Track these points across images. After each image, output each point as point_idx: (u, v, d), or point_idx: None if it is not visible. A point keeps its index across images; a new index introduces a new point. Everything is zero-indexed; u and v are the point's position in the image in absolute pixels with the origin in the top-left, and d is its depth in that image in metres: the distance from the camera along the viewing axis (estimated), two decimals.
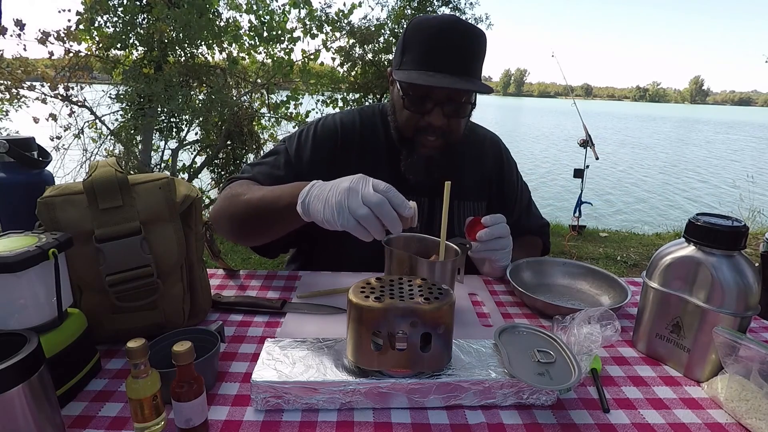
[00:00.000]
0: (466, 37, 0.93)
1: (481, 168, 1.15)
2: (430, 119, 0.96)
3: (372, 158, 1.07)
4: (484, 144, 1.18)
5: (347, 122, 1.10)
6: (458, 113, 0.97)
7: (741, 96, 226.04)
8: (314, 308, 0.86)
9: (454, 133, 1.00)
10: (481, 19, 7.71)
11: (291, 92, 4.91)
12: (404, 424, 0.57)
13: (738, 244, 0.65)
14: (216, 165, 4.95)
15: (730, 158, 14.12)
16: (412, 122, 0.98)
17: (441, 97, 0.94)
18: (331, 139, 1.07)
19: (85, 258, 0.66)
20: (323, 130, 1.09)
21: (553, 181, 8.89)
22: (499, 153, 1.20)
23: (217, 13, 4.54)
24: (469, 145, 1.14)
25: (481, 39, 0.96)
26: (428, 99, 0.95)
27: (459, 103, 0.96)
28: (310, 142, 1.07)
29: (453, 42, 0.92)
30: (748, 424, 0.58)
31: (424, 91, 0.95)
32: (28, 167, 0.85)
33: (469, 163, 1.13)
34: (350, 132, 1.08)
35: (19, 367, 0.45)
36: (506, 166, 1.20)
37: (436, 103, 0.95)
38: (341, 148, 1.07)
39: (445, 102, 0.95)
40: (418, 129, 0.98)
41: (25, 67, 4.03)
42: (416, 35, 0.95)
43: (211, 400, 0.60)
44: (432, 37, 0.92)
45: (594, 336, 0.66)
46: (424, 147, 0.99)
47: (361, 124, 1.10)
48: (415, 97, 0.96)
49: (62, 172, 4.21)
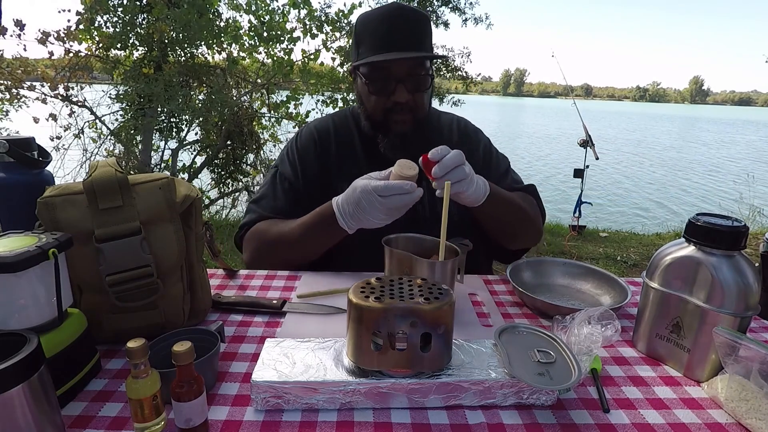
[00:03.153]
0: (410, 17, 1.02)
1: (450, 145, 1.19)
2: (395, 98, 1.03)
3: (349, 155, 1.15)
4: (451, 125, 1.25)
5: (321, 128, 1.19)
6: (419, 86, 1.04)
7: (741, 96, 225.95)
8: (314, 308, 0.86)
9: (420, 108, 1.07)
10: (481, 19, 7.71)
11: (291, 92, 4.91)
12: (404, 424, 0.57)
13: (738, 244, 0.65)
14: (216, 165, 4.95)
15: (731, 158, 14.12)
16: (380, 105, 1.05)
17: (401, 74, 1.01)
18: (311, 148, 1.16)
19: (85, 258, 0.66)
20: (303, 142, 1.18)
21: (550, 180, 8.90)
22: (465, 128, 1.26)
23: (217, 13, 4.54)
24: (438, 127, 1.22)
25: (425, 19, 1.05)
26: (390, 79, 1.02)
27: (418, 77, 1.03)
28: (296, 157, 1.16)
29: (398, 23, 1.01)
30: (748, 424, 0.58)
31: (384, 73, 1.02)
32: (28, 167, 0.85)
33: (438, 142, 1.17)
34: (325, 136, 1.17)
35: (19, 367, 0.45)
36: (473, 137, 1.25)
37: (397, 81, 1.02)
38: (321, 152, 1.16)
39: (405, 79, 1.02)
40: (386, 111, 1.05)
41: (25, 67, 4.03)
42: (365, 27, 1.04)
43: (211, 400, 0.60)
44: (379, 24, 1.02)
45: (594, 336, 0.66)
46: (396, 124, 1.06)
47: (335, 126, 1.19)
48: (378, 80, 1.03)
49: (62, 172, 4.22)
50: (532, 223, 1.14)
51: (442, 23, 7.39)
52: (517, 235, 1.14)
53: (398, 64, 1.00)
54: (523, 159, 11.87)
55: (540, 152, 13.45)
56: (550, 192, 7.75)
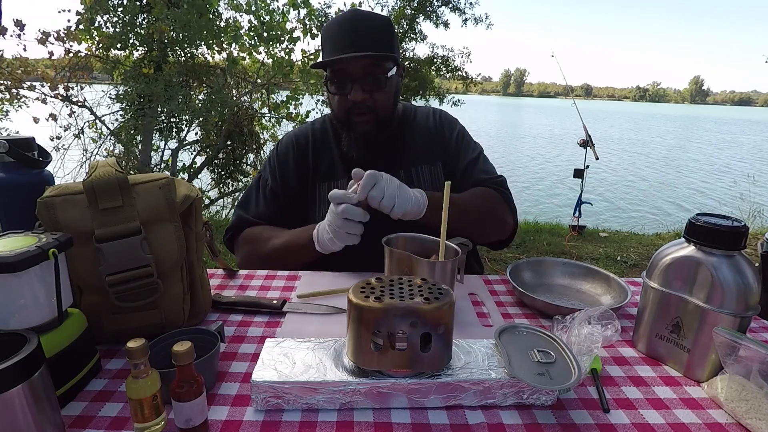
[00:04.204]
0: (363, 21, 1.06)
1: (428, 135, 1.24)
2: (351, 96, 1.05)
3: (326, 156, 1.20)
4: (428, 116, 1.27)
5: (300, 134, 1.24)
6: (377, 86, 1.06)
7: (741, 96, 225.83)
8: (314, 308, 0.86)
9: (381, 108, 1.09)
10: (481, 19, 7.70)
11: (291, 92, 4.91)
12: (404, 424, 0.57)
13: (738, 244, 0.65)
14: (216, 165, 4.95)
15: (731, 157, 14.12)
16: (341, 105, 1.08)
17: (357, 74, 1.04)
18: (288, 154, 1.21)
19: (85, 258, 0.66)
20: (282, 148, 1.23)
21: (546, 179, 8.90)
22: (440, 117, 1.28)
23: (217, 13, 4.54)
24: (416, 120, 1.25)
25: (381, 20, 1.09)
26: (346, 79, 1.05)
27: (375, 77, 1.05)
28: (276, 163, 1.22)
29: (353, 25, 1.05)
30: (748, 424, 0.58)
31: (341, 74, 1.05)
32: (28, 167, 0.85)
33: (417, 133, 1.23)
34: (303, 141, 1.22)
35: (19, 367, 0.45)
36: (447, 125, 1.26)
37: (353, 81, 1.04)
38: (299, 156, 1.21)
39: (361, 78, 1.04)
40: (347, 110, 1.08)
41: (25, 67, 4.03)
42: (325, 33, 1.09)
43: (211, 400, 0.60)
44: (336, 28, 1.06)
45: (594, 336, 0.66)
46: (358, 124, 1.09)
47: (313, 131, 1.24)
48: (336, 80, 1.06)
49: (62, 172, 4.21)
50: (492, 219, 1.12)
51: (442, 23, 7.38)
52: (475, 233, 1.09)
53: (354, 64, 1.03)
54: (524, 159, 11.86)
55: (544, 153, 13.44)
56: (550, 192, 7.74)
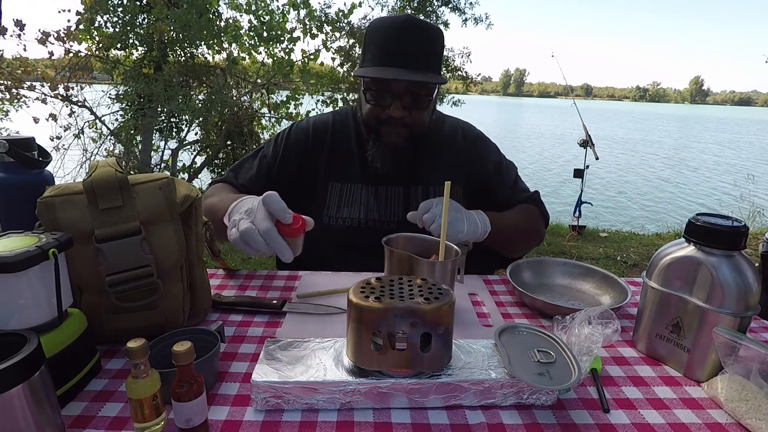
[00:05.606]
0: (418, 33, 0.99)
1: (455, 154, 1.19)
2: (390, 112, 1.02)
3: (343, 154, 1.15)
4: (456, 132, 1.22)
5: (319, 124, 1.18)
6: (418, 105, 1.03)
7: (741, 96, 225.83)
8: (314, 308, 0.86)
9: (418, 125, 1.06)
10: (481, 19, 7.72)
11: (291, 92, 4.91)
12: (404, 424, 0.57)
13: (738, 244, 0.65)
14: (216, 165, 4.95)
15: (731, 157, 14.11)
16: (375, 114, 1.05)
17: (400, 91, 1.00)
18: (302, 141, 1.16)
19: (85, 258, 0.66)
20: (296, 132, 1.18)
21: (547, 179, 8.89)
22: (474, 138, 1.24)
23: (217, 13, 4.54)
24: (441, 134, 1.20)
25: (434, 34, 1.02)
26: (387, 93, 1.01)
27: (418, 96, 1.02)
28: (282, 143, 1.17)
29: (406, 38, 0.98)
30: (748, 424, 0.58)
31: (383, 85, 1.01)
32: (28, 167, 0.85)
33: (442, 150, 1.18)
34: (321, 132, 1.17)
35: (19, 367, 0.45)
36: (483, 148, 1.23)
37: (395, 97, 1.01)
38: (312, 147, 1.15)
39: (403, 95, 1.01)
40: (380, 121, 1.05)
41: (25, 67, 4.03)
42: (373, 35, 1.02)
43: (211, 400, 0.60)
44: (387, 35, 0.99)
45: (594, 336, 0.66)
46: (390, 135, 1.05)
47: (333, 123, 1.18)
48: (376, 92, 1.02)
49: (62, 172, 4.21)
50: (531, 236, 1.17)
51: (442, 23, 7.40)
52: (516, 248, 1.17)
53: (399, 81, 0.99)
54: (523, 159, 11.86)
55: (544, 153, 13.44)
56: (550, 192, 7.75)
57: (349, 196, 1.13)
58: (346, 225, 1.11)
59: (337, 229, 1.11)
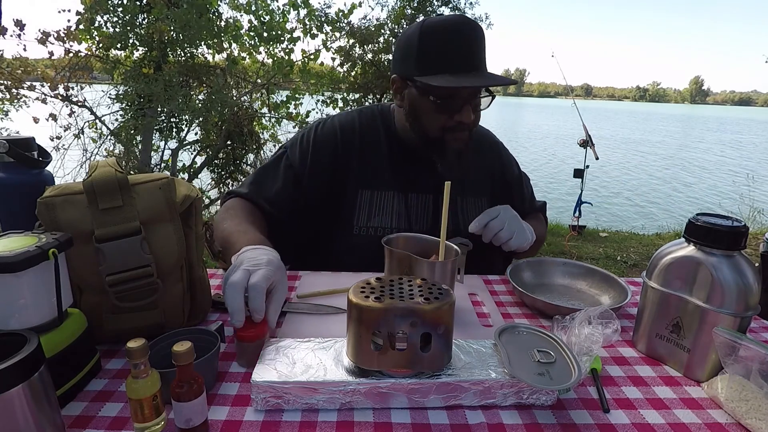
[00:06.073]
0: (478, 32, 0.97)
1: (481, 164, 1.18)
2: (461, 117, 0.98)
3: (373, 159, 1.09)
4: (481, 141, 1.20)
5: (346, 125, 1.11)
6: (480, 106, 1.03)
7: (741, 96, 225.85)
8: (314, 308, 0.86)
9: (476, 125, 1.05)
10: (481, 19, 7.70)
11: (291, 92, 4.91)
12: (404, 424, 0.57)
13: (738, 244, 0.65)
14: (216, 165, 4.94)
15: (731, 157, 14.10)
16: (441, 123, 1.00)
17: (470, 96, 0.98)
18: (331, 144, 1.08)
19: (85, 258, 0.66)
20: (323, 135, 1.09)
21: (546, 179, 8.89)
22: (497, 148, 1.24)
23: (217, 13, 4.54)
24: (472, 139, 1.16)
25: (482, 32, 1.00)
26: (457, 99, 0.97)
27: (481, 98, 1.01)
28: (310, 146, 1.08)
29: (468, 41, 0.95)
30: (748, 424, 0.58)
31: (452, 92, 0.97)
32: (28, 167, 0.85)
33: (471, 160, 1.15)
34: (350, 135, 1.10)
35: (19, 367, 0.45)
36: (506, 159, 1.24)
37: (465, 101, 0.98)
38: (342, 151, 1.08)
39: (472, 99, 0.99)
40: (446, 129, 1.00)
41: (25, 67, 4.03)
42: (431, 40, 0.96)
43: (211, 400, 0.60)
44: (451, 39, 0.95)
45: (594, 336, 0.66)
46: (455, 142, 1.02)
47: (360, 125, 1.11)
48: (446, 100, 0.97)
49: (62, 172, 4.21)
50: (541, 243, 1.23)
51: None
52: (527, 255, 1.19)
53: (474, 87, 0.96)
54: (523, 159, 11.86)
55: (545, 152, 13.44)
56: (550, 192, 7.74)
57: (380, 204, 1.08)
58: (378, 235, 1.05)
59: (369, 239, 1.06)
